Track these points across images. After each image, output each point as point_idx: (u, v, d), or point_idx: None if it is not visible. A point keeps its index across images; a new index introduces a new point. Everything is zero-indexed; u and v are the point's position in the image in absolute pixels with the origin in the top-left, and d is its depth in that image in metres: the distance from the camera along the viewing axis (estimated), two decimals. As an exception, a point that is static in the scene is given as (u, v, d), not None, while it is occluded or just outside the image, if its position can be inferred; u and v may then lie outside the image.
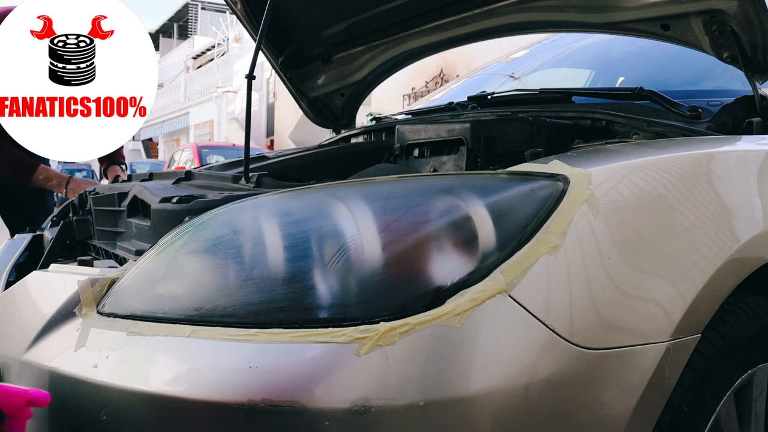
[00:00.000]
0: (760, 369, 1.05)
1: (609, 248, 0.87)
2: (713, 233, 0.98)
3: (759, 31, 1.31)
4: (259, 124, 18.65)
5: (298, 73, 2.24)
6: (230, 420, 0.74)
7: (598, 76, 2.13)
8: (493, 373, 0.76)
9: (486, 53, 4.49)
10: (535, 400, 0.78)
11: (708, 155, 1.12)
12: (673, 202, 0.97)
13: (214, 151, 11.65)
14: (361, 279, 0.81)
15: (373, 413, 0.72)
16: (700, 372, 0.92)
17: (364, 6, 1.92)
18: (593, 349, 0.82)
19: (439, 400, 0.74)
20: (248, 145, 1.52)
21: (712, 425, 0.95)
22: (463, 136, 1.46)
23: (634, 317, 0.86)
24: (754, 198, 1.09)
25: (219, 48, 23.96)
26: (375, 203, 0.90)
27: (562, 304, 0.81)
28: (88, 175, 20.54)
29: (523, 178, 0.92)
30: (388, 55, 2.12)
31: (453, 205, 0.86)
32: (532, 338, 0.79)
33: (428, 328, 0.76)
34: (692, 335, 0.90)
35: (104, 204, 1.53)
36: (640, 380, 0.84)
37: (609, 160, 1.00)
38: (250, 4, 1.99)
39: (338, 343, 0.76)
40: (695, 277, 0.91)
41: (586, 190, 0.88)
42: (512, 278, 0.80)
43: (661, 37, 1.54)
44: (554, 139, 1.45)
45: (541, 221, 0.85)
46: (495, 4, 1.75)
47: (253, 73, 1.54)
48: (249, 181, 1.38)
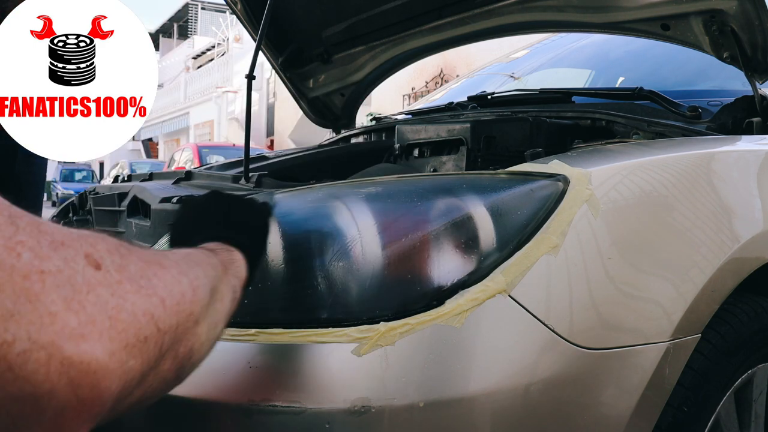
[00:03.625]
0: (760, 369, 1.05)
1: (609, 248, 0.87)
2: (713, 233, 0.98)
3: (759, 31, 1.31)
4: (259, 124, 18.65)
5: (298, 73, 2.24)
6: (230, 420, 0.74)
7: (598, 76, 2.13)
8: (493, 373, 0.76)
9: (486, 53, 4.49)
10: (535, 400, 0.78)
11: (708, 155, 1.12)
12: (673, 202, 0.97)
13: (214, 151, 11.64)
14: (361, 279, 0.81)
15: (373, 413, 0.72)
16: (700, 372, 0.92)
17: (364, 6, 1.92)
18: (593, 349, 0.82)
19: (439, 400, 0.74)
20: (248, 145, 1.52)
21: (712, 425, 0.95)
22: (463, 136, 1.46)
23: (634, 317, 0.86)
24: (754, 198, 1.09)
25: (219, 48, 23.96)
26: (375, 203, 0.90)
27: (562, 304, 0.81)
28: (88, 175, 20.54)
29: (523, 178, 0.92)
30: (388, 55, 2.12)
31: (453, 205, 0.86)
32: (532, 338, 0.79)
33: (428, 329, 0.76)
34: (692, 335, 0.90)
35: (104, 204, 1.53)
36: (640, 380, 0.84)
37: (609, 160, 1.00)
38: (250, 4, 1.99)
39: (338, 343, 0.76)
40: (695, 277, 0.91)
41: (586, 190, 0.88)
42: (512, 278, 0.80)
43: (661, 37, 1.54)
44: (554, 139, 1.45)
45: (541, 221, 0.85)
46: (495, 4, 1.75)
47: (253, 73, 1.54)
48: (249, 181, 1.38)
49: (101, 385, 0.39)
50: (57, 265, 0.38)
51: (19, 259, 0.37)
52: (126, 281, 0.43)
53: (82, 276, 0.40)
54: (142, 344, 0.42)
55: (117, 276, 0.42)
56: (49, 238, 0.39)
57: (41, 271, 0.37)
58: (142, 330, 0.42)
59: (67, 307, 0.38)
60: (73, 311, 0.38)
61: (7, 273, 0.36)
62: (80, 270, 0.40)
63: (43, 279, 0.37)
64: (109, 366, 0.39)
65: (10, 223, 0.38)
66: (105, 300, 0.40)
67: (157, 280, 0.46)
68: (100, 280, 0.41)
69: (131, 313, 0.42)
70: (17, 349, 0.36)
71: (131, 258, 0.45)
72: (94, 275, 0.40)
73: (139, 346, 0.42)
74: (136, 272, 0.44)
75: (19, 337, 0.36)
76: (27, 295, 0.36)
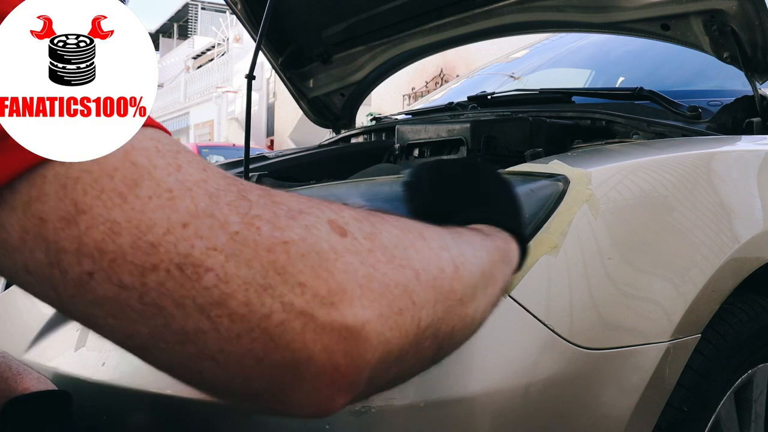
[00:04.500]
0: (760, 369, 1.05)
1: (609, 248, 0.87)
2: (713, 233, 0.98)
3: (759, 31, 1.31)
4: (259, 124, 18.65)
5: (298, 73, 2.24)
6: (230, 420, 0.74)
7: (598, 76, 2.13)
8: (493, 373, 0.76)
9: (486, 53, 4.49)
10: (535, 401, 0.78)
11: (708, 155, 1.12)
12: (673, 202, 0.97)
13: (214, 151, 11.65)
14: (361, 279, 0.80)
15: (373, 413, 0.72)
16: (700, 372, 0.92)
17: (364, 6, 1.92)
18: (593, 349, 0.82)
19: (439, 400, 0.74)
20: (248, 145, 1.52)
21: (712, 425, 0.95)
22: (463, 136, 1.46)
23: (634, 317, 0.86)
24: (754, 198, 1.09)
25: (219, 48, 23.96)
26: (375, 203, 0.90)
27: (562, 304, 0.81)
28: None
29: (523, 178, 0.92)
30: (388, 55, 2.12)
31: (453, 205, 0.86)
32: (532, 338, 0.79)
33: (428, 328, 0.76)
34: (692, 335, 0.90)
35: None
36: (640, 380, 0.84)
37: (609, 160, 1.00)
38: (250, 4, 1.99)
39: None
40: (695, 277, 0.91)
41: (586, 190, 0.88)
42: (512, 278, 0.79)
43: (661, 37, 1.54)
44: (554, 139, 1.45)
45: (541, 221, 0.85)
46: (495, 4, 1.75)
47: (253, 73, 1.54)
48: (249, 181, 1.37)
49: (355, 353, 0.39)
50: (299, 234, 0.38)
51: (260, 233, 0.37)
52: (377, 249, 0.42)
53: (327, 242, 0.39)
54: (397, 316, 0.41)
55: (367, 244, 0.41)
56: (285, 208, 0.39)
57: (284, 241, 0.38)
58: (395, 301, 0.41)
59: (316, 275, 0.38)
60: (321, 279, 0.38)
61: (252, 249, 0.37)
62: (325, 236, 0.40)
63: (288, 249, 0.38)
64: (362, 333, 0.39)
65: (242, 198, 0.38)
66: (354, 267, 0.40)
67: (414, 251, 0.45)
68: (348, 247, 0.40)
69: (382, 283, 0.41)
70: (275, 320, 0.37)
71: (384, 226, 0.44)
72: (340, 242, 0.40)
73: (394, 317, 0.41)
74: (389, 241, 0.43)
75: (275, 309, 0.37)
76: (275, 267, 0.37)
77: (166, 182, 0.36)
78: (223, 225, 0.37)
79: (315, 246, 0.39)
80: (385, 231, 0.44)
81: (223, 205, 0.37)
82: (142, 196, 0.35)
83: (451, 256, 0.48)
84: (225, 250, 0.36)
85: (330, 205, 0.43)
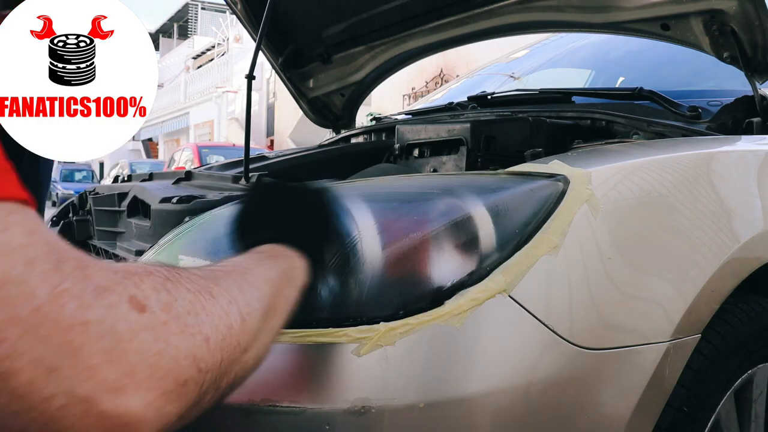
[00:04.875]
0: (760, 369, 1.05)
1: (609, 248, 0.87)
2: (713, 233, 0.98)
3: (759, 31, 1.31)
4: (259, 124, 18.64)
5: (298, 73, 2.24)
6: (230, 420, 0.74)
7: (597, 76, 2.13)
8: (493, 373, 0.76)
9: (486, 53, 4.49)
10: (535, 401, 0.78)
11: (708, 155, 1.12)
12: (673, 202, 0.97)
13: (214, 151, 11.64)
14: (361, 279, 0.81)
15: (373, 414, 0.72)
16: (700, 372, 0.92)
17: (364, 6, 1.92)
18: (593, 349, 0.82)
19: (439, 400, 0.74)
20: (248, 145, 1.52)
21: (712, 425, 0.95)
22: (463, 136, 1.46)
23: (634, 317, 0.86)
24: (754, 198, 1.09)
25: (219, 48, 23.95)
26: (375, 203, 0.90)
27: (562, 305, 0.81)
28: (88, 175, 20.52)
29: (523, 178, 0.92)
30: (388, 55, 2.12)
31: (453, 205, 0.86)
32: (532, 338, 0.79)
33: (428, 329, 0.76)
34: (692, 335, 0.90)
35: (104, 204, 1.53)
36: (640, 380, 0.84)
37: (609, 160, 1.00)
38: (250, 4, 1.99)
39: (338, 343, 0.75)
40: (695, 277, 0.91)
41: (586, 190, 0.88)
42: (512, 278, 0.80)
43: (661, 37, 1.54)
44: (554, 139, 1.45)
45: (541, 221, 0.85)
46: (495, 4, 1.75)
47: (253, 73, 1.54)
48: (249, 181, 1.38)
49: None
50: (100, 314, 0.38)
51: (63, 311, 0.37)
52: (171, 321, 0.42)
53: (125, 322, 0.39)
54: (181, 388, 0.42)
55: (163, 317, 0.42)
56: (94, 284, 0.39)
57: (84, 322, 0.37)
58: (182, 374, 0.42)
59: (108, 359, 0.38)
60: (113, 363, 0.38)
61: (51, 326, 0.36)
62: (123, 316, 0.40)
63: (86, 331, 0.37)
64: (145, 416, 0.39)
65: (56, 270, 0.38)
66: (147, 346, 0.40)
67: (205, 314, 0.46)
68: (144, 325, 0.40)
69: (172, 358, 0.41)
70: (57, 404, 0.36)
71: (179, 291, 0.45)
72: (138, 320, 0.40)
73: (177, 390, 0.42)
74: (183, 308, 0.44)
75: (59, 392, 0.36)
76: (69, 348, 0.36)
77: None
78: (29, 296, 0.36)
79: (113, 327, 0.39)
80: (180, 297, 0.45)
81: (36, 274, 0.37)
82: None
83: (238, 309, 0.50)
84: (24, 323, 0.36)
85: (134, 277, 0.43)
